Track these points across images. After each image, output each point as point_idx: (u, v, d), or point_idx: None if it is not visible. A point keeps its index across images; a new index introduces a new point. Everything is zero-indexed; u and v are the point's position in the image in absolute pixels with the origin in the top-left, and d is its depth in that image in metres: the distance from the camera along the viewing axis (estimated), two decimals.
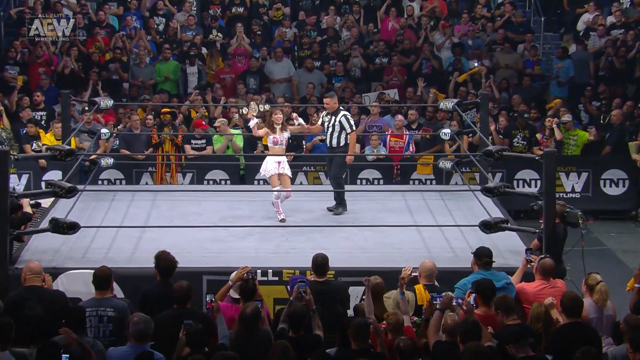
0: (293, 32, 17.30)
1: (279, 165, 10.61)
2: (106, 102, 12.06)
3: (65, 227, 8.75)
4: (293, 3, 18.09)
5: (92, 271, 7.60)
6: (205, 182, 13.69)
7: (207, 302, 7.16)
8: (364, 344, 6.60)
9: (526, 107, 14.90)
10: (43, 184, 12.88)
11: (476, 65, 16.11)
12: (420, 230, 10.06)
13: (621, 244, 13.00)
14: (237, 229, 10.05)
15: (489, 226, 9.06)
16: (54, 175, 12.93)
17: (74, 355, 6.36)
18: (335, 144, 10.86)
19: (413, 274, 7.88)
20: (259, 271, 8.52)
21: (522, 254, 8.63)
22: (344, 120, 10.78)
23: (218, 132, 13.63)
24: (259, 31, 17.03)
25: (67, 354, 6.27)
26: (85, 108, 13.33)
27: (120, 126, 13.99)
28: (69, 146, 10.16)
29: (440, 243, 9.75)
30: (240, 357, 6.28)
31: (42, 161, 13.19)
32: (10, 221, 8.68)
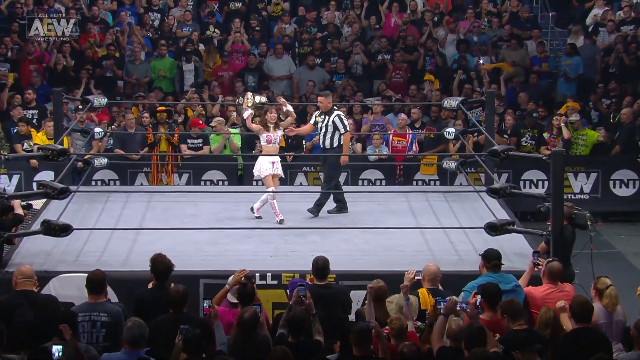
0: (293, 28, 17.16)
1: (273, 165, 10.56)
2: (100, 100, 11.98)
3: (57, 229, 8.71)
4: None
5: (86, 275, 7.51)
6: (202, 182, 13.66)
7: (204, 307, 7.08)
8: (366, 349, 6.51)
9: (534, 105, 14.74)
10: (34, 184, 12.84)
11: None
12: (424, 233, 9.99)
13: (631, 247, 12.92)
14: (234, 231, 9.98)
15: (494, 228, 9.02)
16: (46, 175, 12.89)
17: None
18: (328, 145, 10.77)
19: (416, 277, 7.79)
20: (257, 274, 8.50)
21: (529, 257, 8.55)
22: (337, 120, 10.68)
23: (215, 131, 13.49)
24: (257, 27, 16.89)
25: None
26: (79, 106, 13.19)
27: (114, 125, 13.91)
28: (61, 146, 10.06)
29: (444, 246, 9.69)
30: None
31: (34, 161, 13.13)
32: (0, 223, 8.64)
